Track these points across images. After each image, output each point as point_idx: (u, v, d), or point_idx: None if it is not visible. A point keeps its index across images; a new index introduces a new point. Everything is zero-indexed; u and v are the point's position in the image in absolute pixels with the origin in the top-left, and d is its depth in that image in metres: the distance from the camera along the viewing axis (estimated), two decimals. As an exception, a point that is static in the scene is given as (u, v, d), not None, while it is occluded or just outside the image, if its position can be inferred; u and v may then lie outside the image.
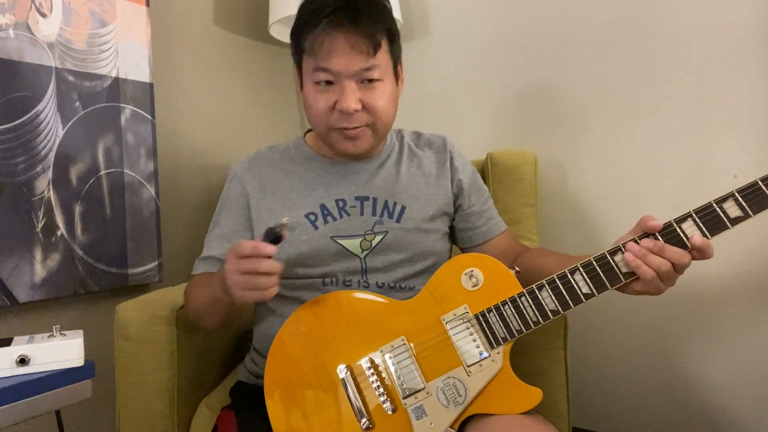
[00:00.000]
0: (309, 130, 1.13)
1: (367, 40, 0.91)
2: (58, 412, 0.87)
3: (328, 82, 0.94)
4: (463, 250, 1.12)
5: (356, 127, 0.95)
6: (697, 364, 1.42)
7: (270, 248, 0.79)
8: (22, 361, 0.80)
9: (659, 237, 0.79)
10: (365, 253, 0.99)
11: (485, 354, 0.84)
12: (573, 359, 1.14)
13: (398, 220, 1.01)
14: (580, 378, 1.53)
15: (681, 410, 1.44)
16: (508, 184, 1.41)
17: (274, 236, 0.81)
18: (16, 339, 0.85)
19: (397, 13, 1.55)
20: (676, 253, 0.77)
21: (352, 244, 0.99)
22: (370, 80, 0.94)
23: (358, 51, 0.91)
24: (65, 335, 0.85)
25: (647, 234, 0.80)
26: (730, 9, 1.34)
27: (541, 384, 0.93)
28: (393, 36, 0.97)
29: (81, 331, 0.88)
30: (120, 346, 1.06)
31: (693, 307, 1.41)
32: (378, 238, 1.00)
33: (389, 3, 0.99)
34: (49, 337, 0.85)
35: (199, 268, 1.05)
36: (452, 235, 1.13)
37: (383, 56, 0.95)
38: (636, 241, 0.79)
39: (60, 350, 0.83)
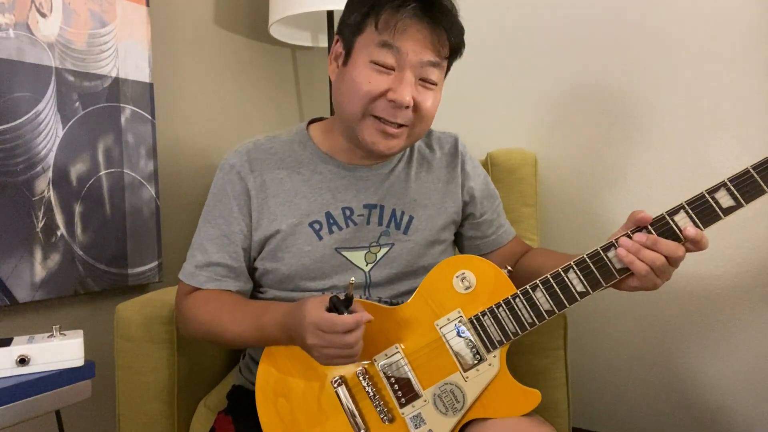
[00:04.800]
0: (311, 122, 1.05)
1: (445, 39, 0.87)
2: (58, 412, 0.87)
3: (387, 67, 0.86)
4: (465, 251, 1.09)
5: (398, 125, 0.88)
6: (697, 364, 1.42)
7: (368, 316, 0.77)
8: (22, 361, 0.80)
9: (652, 230, 0.78)
10: (370, 266, 0.95)
11: (481, 358, 0.83)
12: (573, 359, 1.14)
13: (405, 232, 0.97)
14: (580, 378, 1.53)
15: (681, 410, 1.44)
16: (508, 184, 1.41)
17: (349, 302, 0.78)
18: (16, 339, 0.85)
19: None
20: (669, 246, 0.76)
21: (357, 257, 0.95)
22: (427, 81, 0.89)
23: (432, 43, 0.86)
24: (65, 335, 0.85)
25: (640, 228, 0.78)
26: (730, 9, 1.34)
27: (541, 384, 0.93)
28: (458, 53, 0.93)
29: (81, 331, 0.87)
30: (120, 346, 1.06)
31: (693, 307, 1.41)
32: (384, 250, 0.96)
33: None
34: (49, 337, 0.85)
35: (199, 277, 0.94)
36: (456, 241, 1.09)
37: (444, 65, 0.92)
38: (629, 236, 0.78)
39: (60, 350, 0.83)
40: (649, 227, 0.78)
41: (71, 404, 0.83)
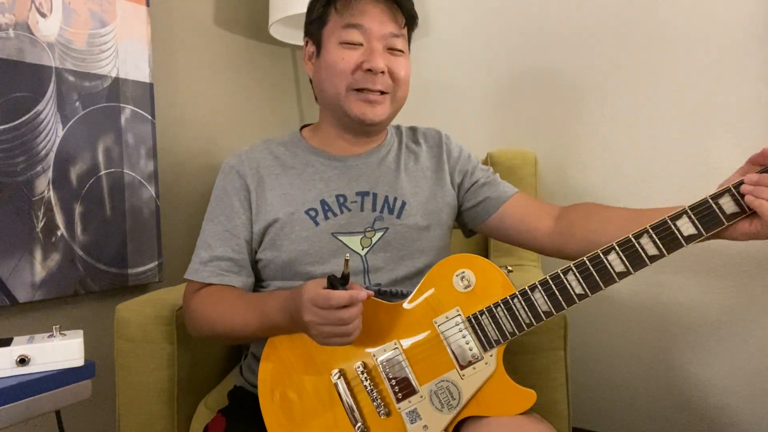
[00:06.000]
0: (304, 126, 1.11)
1: (400, 10, 0.97)
2: (58, 412, 0.87)
3: (355, 44, 0.95)
4: (482, 226, 1.07)
5: (379, 92, 0.96)
6: (696, 364, 1.42)
7: (363, 294, 0.78)
8: (22, 361, 0.80)
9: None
10: (366, 250, 0.97)
11: (478, 357, 0.83)
12: (573, 359, 1.14)
13: (398, 216, 0.99)
14: (580, 378, 1.53)
15: (681, 410, 1.45)
16: (507, 184, 1.41)
17: (345, 279, 0.79)
18: (16, 339, 0.85)
19: (397, 13, 1.55)
20: None
21: (353, 241, 0.97)
22: (394, 50, 0.97)
23: (390, 17, 0.96)
24: (65, 335, 0.85)
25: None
26: (731, 9, 1.34)
27: (540, 384, 0.93)
28: (414, 22, 1.01)
29: (81, 331, 0.87)
30: (120, 346, 1.06)
31: (693, 307, 1.41)
32: (378, 234, 0.98)
33: None
34: (49, 337, 0.84)
35: (203, 272, 0.97)
36: (464, 224, 1.10)
37: (406, 34, 1.00)
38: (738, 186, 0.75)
39: (60, 350, 0.83)
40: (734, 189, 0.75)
41: (71, 404, 0.83)
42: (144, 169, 1.44)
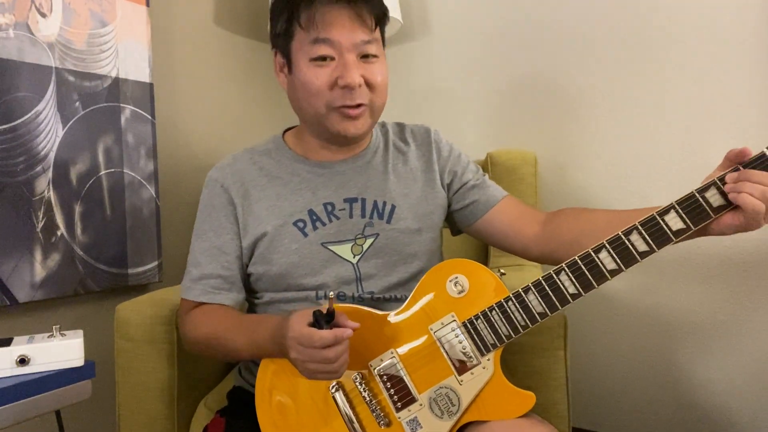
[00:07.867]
0: (287, 130, 1.08)
1: (368, 12, 0.91)
2: (58, 412, 0.87)
3: (327, 59, 0.90)
4: (469, 229, 1.06)
5: (358, 105, 0.91)
6: (697, 364, 1.42)
7: (348, 332, 0.77)
8: (22, 361, 0.81)
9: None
10: (357, 258, 0.95)
11: (476, 362, 0.83)
12: (573, 359, 1.14)
13: (389, 221, 0.97)
14: (580, 378, 1.53)
15: (681, 410, 1.45)
16: (508, 184, 1.41)
17: (330, 316, 0.78)
18: (16, 339, 0.85)
19: (396, 13, 1.55)
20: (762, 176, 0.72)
21: (343, 250, 0.95)
22: (368, 56, 0.92)
23: (359, 23, 0.90)
24: (65, 335, 0.85)
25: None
26: (731, 9, 1.34)
27: (540, 384, 0.93)
28: (385, 18, 0.96)
29: (81, 331, 0.88)
30: (120, 346, 1.07)
31: (693, 307, 1.41)
32: (369, 241, 0.96)
33: None
34: (49, 337, 0.85)
35: (194, 290, 0.96)
36: (453, 224, 1.08)
37: (378, 34, 0.95)
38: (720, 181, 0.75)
39: (60, 350, 0.83)
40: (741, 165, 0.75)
41: (71, 404, 0.83)
42: (144, 169, 1.44)
